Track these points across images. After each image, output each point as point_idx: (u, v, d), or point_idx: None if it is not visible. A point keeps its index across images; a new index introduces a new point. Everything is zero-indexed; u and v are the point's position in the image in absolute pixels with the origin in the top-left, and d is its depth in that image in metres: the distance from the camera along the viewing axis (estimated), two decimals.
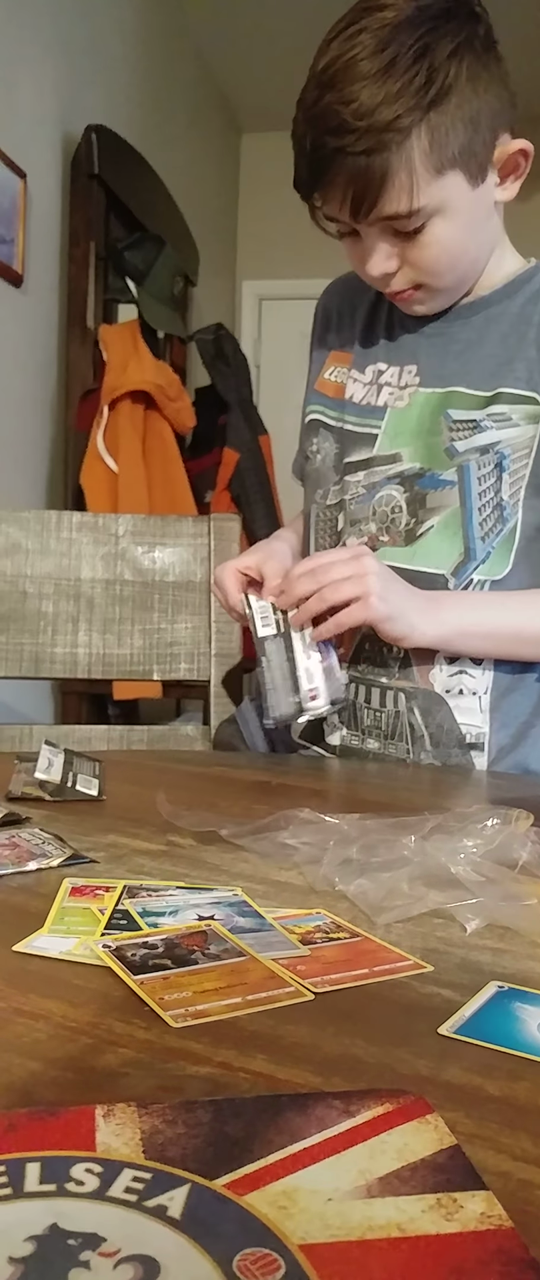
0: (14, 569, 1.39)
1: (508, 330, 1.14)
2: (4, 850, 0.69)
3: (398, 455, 1.15)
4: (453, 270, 1.10)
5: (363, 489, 1.17)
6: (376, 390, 1.19)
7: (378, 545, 1.14)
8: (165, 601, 1.42)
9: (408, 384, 1.17)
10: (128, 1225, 0.30)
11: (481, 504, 1.09)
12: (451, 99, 0.99)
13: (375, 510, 1.15)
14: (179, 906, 0.59)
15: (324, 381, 1.27)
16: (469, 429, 1.11)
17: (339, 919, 0.59)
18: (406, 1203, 0.32)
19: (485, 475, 1.09)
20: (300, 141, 1.04)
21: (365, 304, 1.26)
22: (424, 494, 1.12)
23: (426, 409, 1.15)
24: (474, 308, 1.16)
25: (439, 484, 1.11)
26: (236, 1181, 0.32)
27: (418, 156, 0.99)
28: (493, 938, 0.57)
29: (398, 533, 1.13)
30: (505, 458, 1.09)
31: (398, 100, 0.97)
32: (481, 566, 1.09)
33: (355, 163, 0.99)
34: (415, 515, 1.12)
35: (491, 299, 1.16)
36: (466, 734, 1.11)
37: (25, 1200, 0.31)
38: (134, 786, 0.99)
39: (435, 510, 1.11)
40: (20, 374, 2.98)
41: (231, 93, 5.06)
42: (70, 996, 0.47)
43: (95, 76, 3.43)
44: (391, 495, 1.14)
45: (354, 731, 1.15)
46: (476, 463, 1.10)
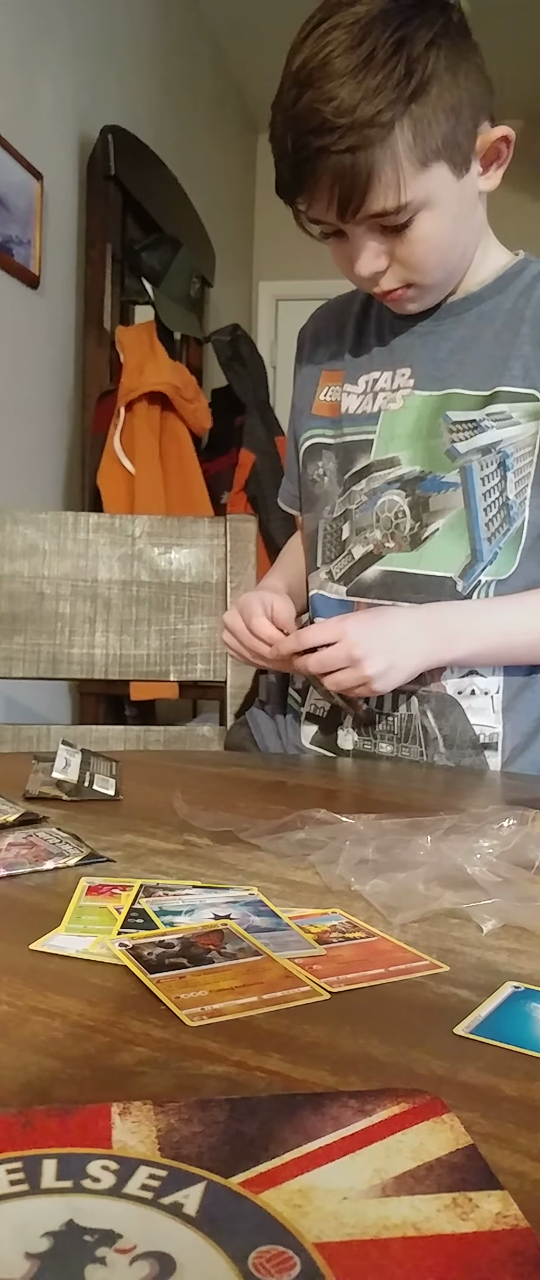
0: (31, 570, 1.40)
1: (501, 327, 1.13)
2: (21, 849, 0.69)
3: (396, 459, 1.15)
4: (442, 265, 1.10)
5: (365, 496, 1.16)
6: (372, 398, 1.19)
7: (384, 551, 1.14)
8: (182, 602, 1.42)
9: (401, 386, 1.17)
10: (144, 1222, 0.30)
11: (487, 504, 1.09)
12: (432, 89, 0.98)
13: (378, 517, 1.14)
14: (195, 906, 0.59)
15: (320, 404, 1.26)
16: (469, 429, 1.11)
17: (355, 919, 0.59)
18: (422, 1202, 0.32)
19: (489, 475, 1.09)
20: (281, 144, 1.03)
21: (352, 321, 1.26)
22: (427, 497, 1.11)
23: (424, 412, 1.14)
24: (465, 304, 1.16)
25: (442, 487, 1.11)
26: (252, 1180, 0.32)
27: (402, 150, 0.98)
28: (509, 938, 0.57)
29: (403, 537, 1.12)
30: (508, 457, 1.09)
31: (378, 95, 0.95)
32: (489, 568, 1.09)
33: (340, 161, 0.98)
34: (419, 519, 1.12)
35: (483, 294, 1.15)
36: (480, 734, 1.11)
37: (42, 1196, 0.31)
38: (150, 786, 0.99)
39: (439, 513, 1.11)
40: (37, 375, 2.99)
41: (248, 92, 5.06)
42: (87, 995, 0.47)
43: (111, 77, 3.44)
44: (394, 500, 1.13)
45: (367, 736, 1.15)
46: (479, 463, 1.09)
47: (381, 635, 1.04)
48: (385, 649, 1.03)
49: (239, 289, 5.24)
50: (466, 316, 1.15)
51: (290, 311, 5.44)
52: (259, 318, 5.55)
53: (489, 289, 1.15)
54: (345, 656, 1.01)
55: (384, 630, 1.05)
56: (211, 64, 4.62)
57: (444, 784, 1.07)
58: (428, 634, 1.07)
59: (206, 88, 4.60)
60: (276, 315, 5.56)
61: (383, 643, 1.03)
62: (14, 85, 2.80)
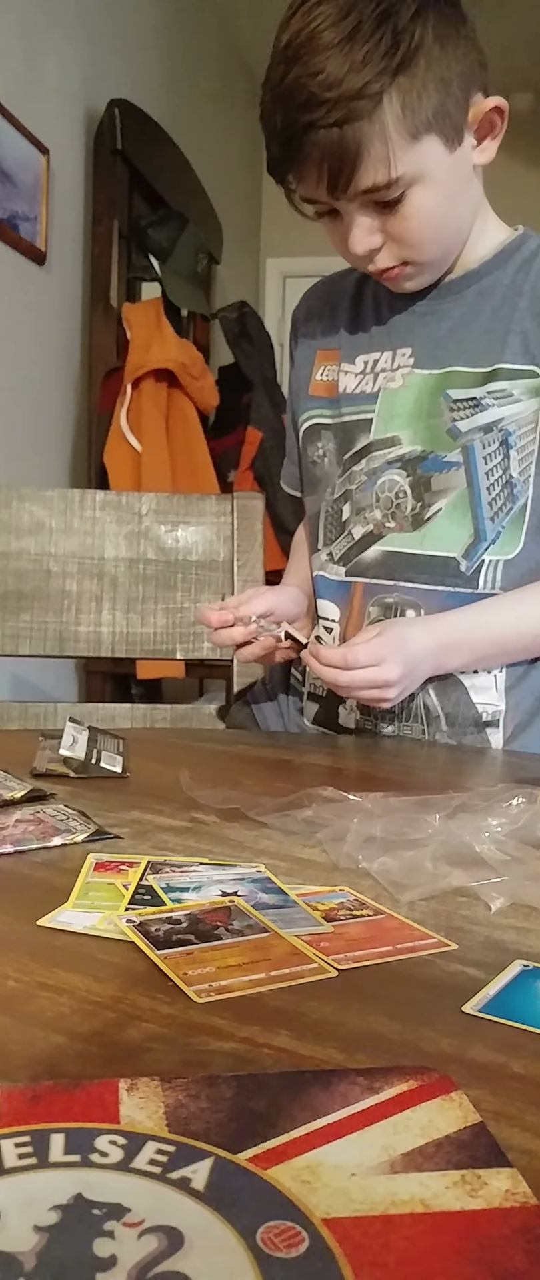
0: (38, 548, 1.40)
1: (500, 303, 1.12)
2: (29, 826, 0.69)
3: (396, 439, 1.14)
4: (438, 241, 1.08)
5: (364, 476, 1.15)
6: (372, 378, 1.18)
7: (384, 531, 1.13)
8: (188, 580, 1.42)
9: (401, 365, 1.16)
10: (152, 1196, 0.30)
11: (490, 483, 1.08)
12: (420, 61, 0.97)
13: (379, 496, 1.14)
14: (202, 882, 0.59)
15: (317, 384, 1.25)
16: (470, 408, 1.10)
17: (363, 896, 0.59)
18: (430, 1179, 0.32)
19: (491, 454, 1.08)
20: (270, 121, 1.02)
21: (347, 298, 1.25)
22: (428, 477, 1.11)
23: (424, 391, 1.13)
24: (465, 281, 1.14)
25: (444, 466, 1.10)
26: (260, 1156, 0.32)
27: (391, 123, 0.97)
28: (517, 917, 0.57)
29: (404, 518, 1.12)
30: (510, 434, 1.08)
31: (365, 67, 0.94)
32: (492, 546, 1.08)
33: (328, 136, 0.97)
34: (421, 499, 1.11)
35: (482, 271, 1.14)
36: (483, 713, 1.11)
37: (50, 1170, 0.31)
38: (157, 764, 0.99)
39: (442, 493, 1.10)
40: (43, 352, 2.99)
41: (255, 66, 5.02)
42: (94, 971, 0.47)
43: (118, 51, 3.42)
44: (394, 480, 1.13)
45: (367, 716, 1.15)
46: (481, 441, 1.09)
47: (410, 660, 1.03)
48: (410, 673, 1.03)
49: (246, 265, 5.22)
50: (466, 294, 1.14)
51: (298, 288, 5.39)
52: (266, 294, 5.53)
53: (488, 265, 1.14)
54: (381, 680, 1.01)
55: (412, 655, 1.04)
56: (218, 37, 4.59)
57: (450, 762, 1.06)
58: (433, 648, 1.07)
59: (213, 61, 4.57)
60: (284, 292, 5.54)
61: (410, 667, 1.03)
62: (20, 58, 2.78)
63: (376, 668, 1.00)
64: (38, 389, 2.96)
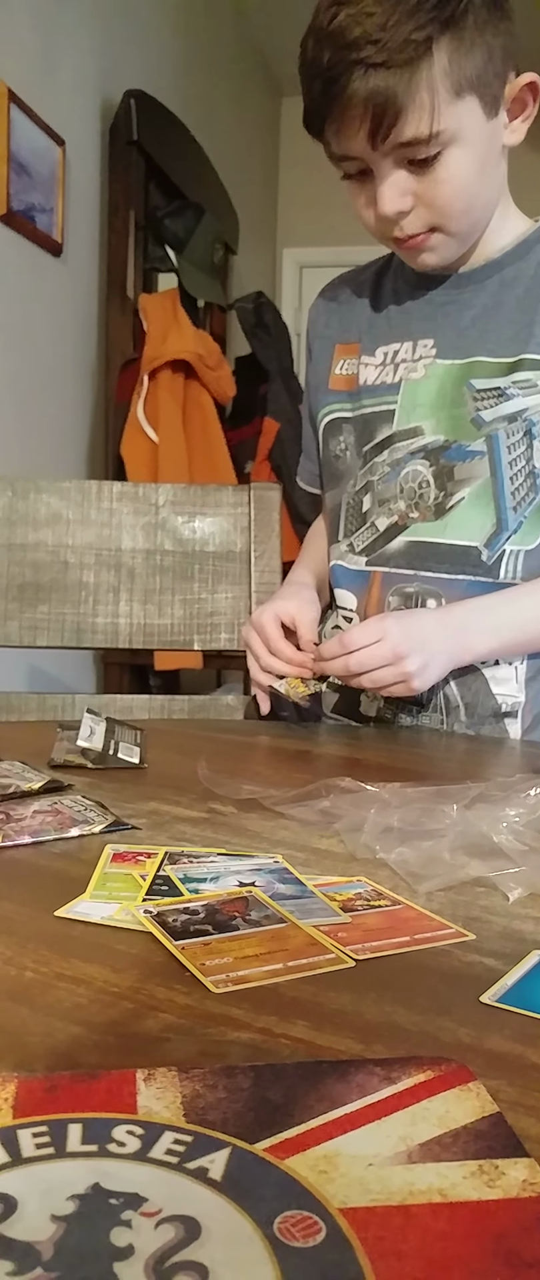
0: (55, 539, 1.40)
1: (523, 293, 1.11)
2: (47, 817, 0.69)
3: (419, 429, 1.13)
4: (467, 212, 1.07)
5: (388, 467, 1.15)
6: (393, 369, 1.18)
7: (408, 522, 1.13)
8: (206, 571, 1.42)
9: (422, 356, 1.16)
10: (169, 1186, 0.30)
11: (513, 473, 1.08)
12: (468, 19, 0.97)
13: (402, 487, 1.13)
14: (220, 873, 0.59)
15: (336, 378, 1.25)
16: (494, 397, 1.09)
17: (380, 886, 0.59)
18: (448, 1169, 0.31)
19: (515, 444, 1.08)
20: (313, 65, 1.01)
21: (365, 293, 1.25)
22: (451, 466, 1.10)
23: (447, 380, 1.13)
24: (486, 271, 1.14)
25: (467, 455, 1.10)
26: (277, 1146, 0.32)
27: (438, 74, 0.97)
28: (535, 907, 0.57)
29: (427, 507, 1.11)
30: (535, 425, 1.08)
31: (416, 14, 0.95)
32: (514, 536, 1.08)
33: (375, 79, 0.96)
34: (444, 489, 1.11)
35: (503, 261, 1.13)
36: (502, 704, 1.11)
37: (68, 1160, 0.31)
38: (175, 755, 0.99)
39: (465, 482, 1.09)
40: (60, 344, 2.99)
41: (272, 55, 5.01)
42: (112, 961, 0.48)
43: (133, 41, 3.41)
44: (417, 470, 1.12)
45: (388, 705, 1.15)
46: (505, 431, 1.08)
47: (418, 634, 1.03)
48: (421, 646, 1.02)
49: (263, 256, 5.21)
50: (488, 284, 1.14)
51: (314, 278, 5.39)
52: (283, 285, 5.52)
53: (510, 255, 1.13)
54: (389, 653, 1.00)
55: (419, 630, 1.03)
56: (234, 27, 4.58)
57: (468, 753, 1.06)
58: (448, 633, 1.06)
59: (229, 51, 4.55)
60: (300, 282, 5.53)
61: (419, 640, 1.02)
62: (35, 50, 2.78)
63: (381, 643, 1.00)
64: (54, 380, 2.97)
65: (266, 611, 1.12)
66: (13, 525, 1.40)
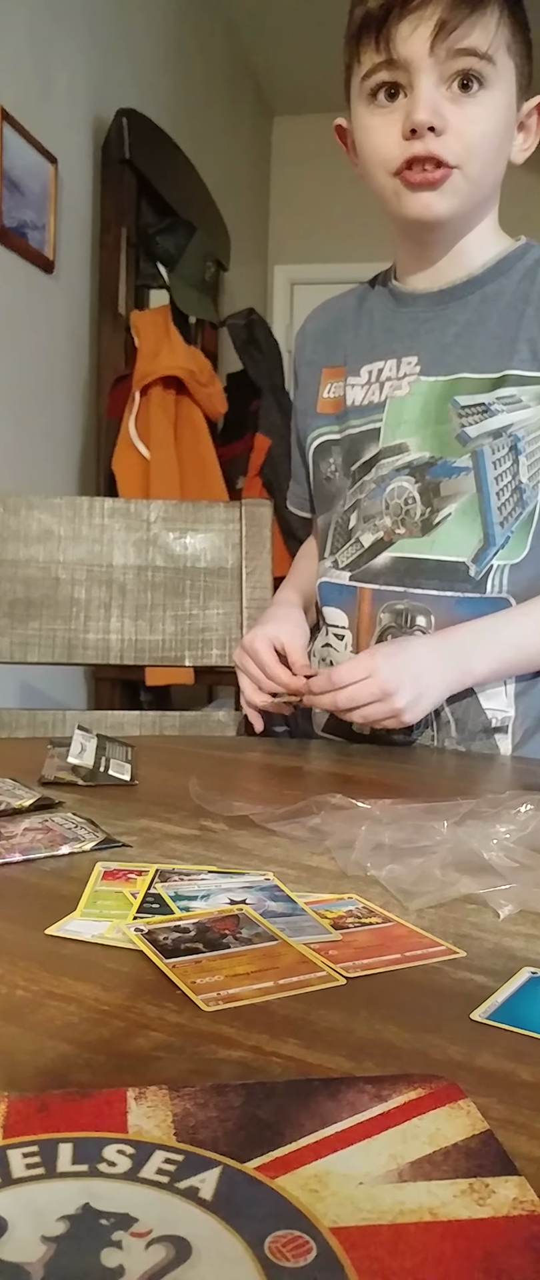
0: (46, 555, 1.40)
1: (506, 309, 1.13)
2: (37, 834, 0.69)
3: (404, 445, 1.14)
4: (482, 174, 1.08)
5: (373, 484, 1.16)
6: (379, 388, 1.18)
7: (394, 538, 1.13)
8: (197, 587, 1.42)
9: (407, 373, 1.16)
10: (159, 1206, 0.30)
11: (499, 488, 1.09)
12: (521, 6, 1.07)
13: (388, 504, 1.14)
14: (211, 891, 0.59)
15: (324, 401, 1.26)
16: (479, 413, 1.10)
17: (371, 904, 0.59)
18: (438, 1187, 0.32)
19: (501, 459, 1.09)
20: None
21: (349, 316, 1.26)
22: (437, 483, 1.11)
23: (431, 397, 1.13)
24: (468, 286, 1.15)
25: (453, 471, 1.10)
26: (268, 1164, 0.32)
27: (501, 17, 1.04)
28: (526, 924, 0.57)
29: (414, 524, 1.12)
30: (520, 440, 1.08)
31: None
32: (501, 551, 1.08)
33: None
34: (430, 505, 1.11)
35: (484, 277, 1.15)
36: (492, 719, 1.11)
37: (58, 1180, 0.31)
38: (166, 771, 0.99)
39: (451, 498, 1.10)
40: (52, 360, 2.99)
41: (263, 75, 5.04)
42: (102, 980, 0.48)
43: (126, 60, 3.43)
44: (403, 487, 1.13)
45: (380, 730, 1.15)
46: (490, 447, 1.09)
47: (409, 667, 1.03)
48: (413, 680, 1.02)
49: (254, 273, 5.22)
50: (470, 299, 1.15)
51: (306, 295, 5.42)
52: (274, 301, 5.53)
53: (491, 272, 1.15)
54: (377, 690, 1.00)
55: (411, 662, 1.03)
56: (227, 46, 4.60)
57: (459, 769, 1.06)
58: (447, 661, 1.06)
59: (222, 70, 4.58)
60: (292, 299, 5.55)
61: (410, 674, 1.02)
62: (28, 68, 2.79)
63: (369, 680, 1.00)
64: (46, 397, 2.97)
65: (259, 637, 1.12)
66: (4, 541, 1.40)
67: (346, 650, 1.17)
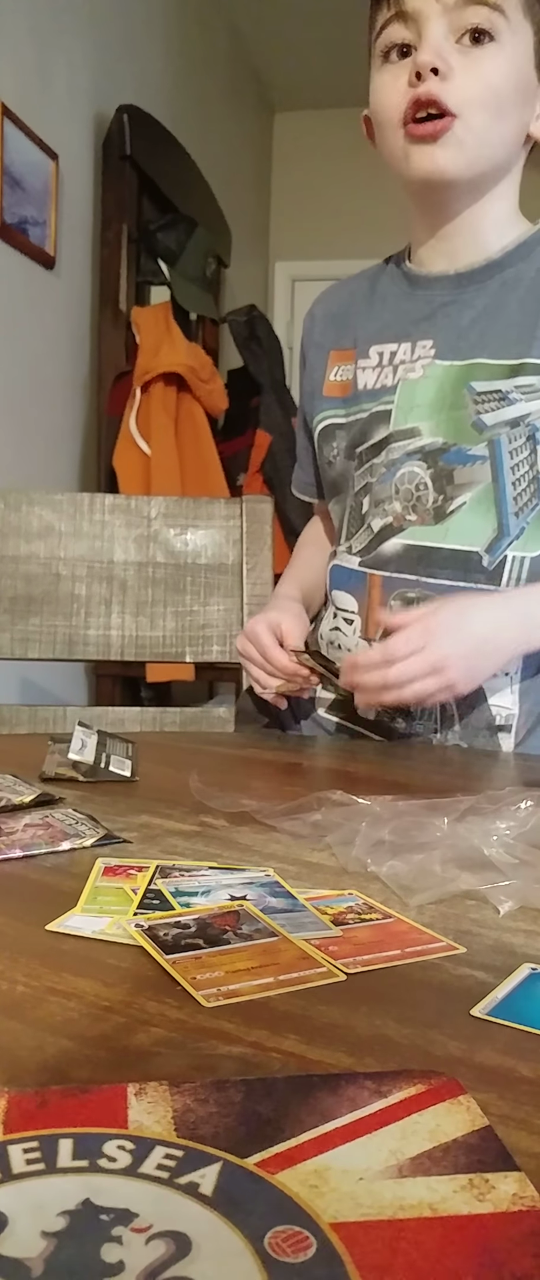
0: (47, 551, 1.40)
1: (525, 294, 1.11)
2: (38, 830, 0.69)
3: (416, 430, 1.12)
4: (488, 125, 1.06)
5: (384, 468, 1.14)
6: (392, 371, 1.17)
7: (405, 524, 1.12)
8: (198, 584, 1.42)
9: (421, 356, 1.15)
10: (160, 1202, 0.30)
11: (516, 478, 1.07)
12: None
13: (398, 488, 1.12)
14: (211, 886, 0.59)
15: (331, 384, 1.25)
16: (496, 400, 1.08)
17: (371, 900, 0.59)
18: (438, 1183, 0.32)
19: (518, 449, 1.07)
20: None
21: (360, 299, 1.25)
22: (451, 470, 1.09)
23: (446, 382, 1.12)
24: (487, 271, 1.14)
25: (468, 459, 1.09)
26: (268, 1160, 0.32)
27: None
28: (526, 920, 0.57)
29: (426, 510, 1.10)
30: (538, 429, 1.07)
31: None
32: (516, 542, 1.07)
33: None
34: (443, 492, 1.10)
35: (504, 261, 1.13)
36: (497, 715, 1.10)
37: (58, 1176, 0.31)
38: (167, 768, 0.99)
39: (466, 486, 1.09)
40: (53, 357, 2.99)
41: (264, 71, 5.03)
42: (103, 975, 0.48)
43: (127, 56, 3.43)
44: (415, 472, 1.11)
45: (383, 710, 1.14)
46: (508, 436, 1.07)
47: (467, 637, 0.99)
48: (469, 652, 0.99)
49: (255, 269, 5.22)
50: (489, 284, 1.14)
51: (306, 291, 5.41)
52: (275, 298, 5.53)
53: (510, 256, 1.14)
54: (431, 665, 0.96)
55: (468, 632, 1.00)
56: (228, 42, 4.60)
57: (459, 765, 1.06)
58: (509, 630, 1.03)
59: (223, 66, 4.57)
60: (293, 295, 5.54)
61: (469, 645, 0.99)
62: (29, 64, 2.79)
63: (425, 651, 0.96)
64: (47, 393, 2.97)
65: (260, 621, 1.13)
66: (5, 537, 1.40)
67: (355, 635, 1.16)
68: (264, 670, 1.11)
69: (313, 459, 1.30)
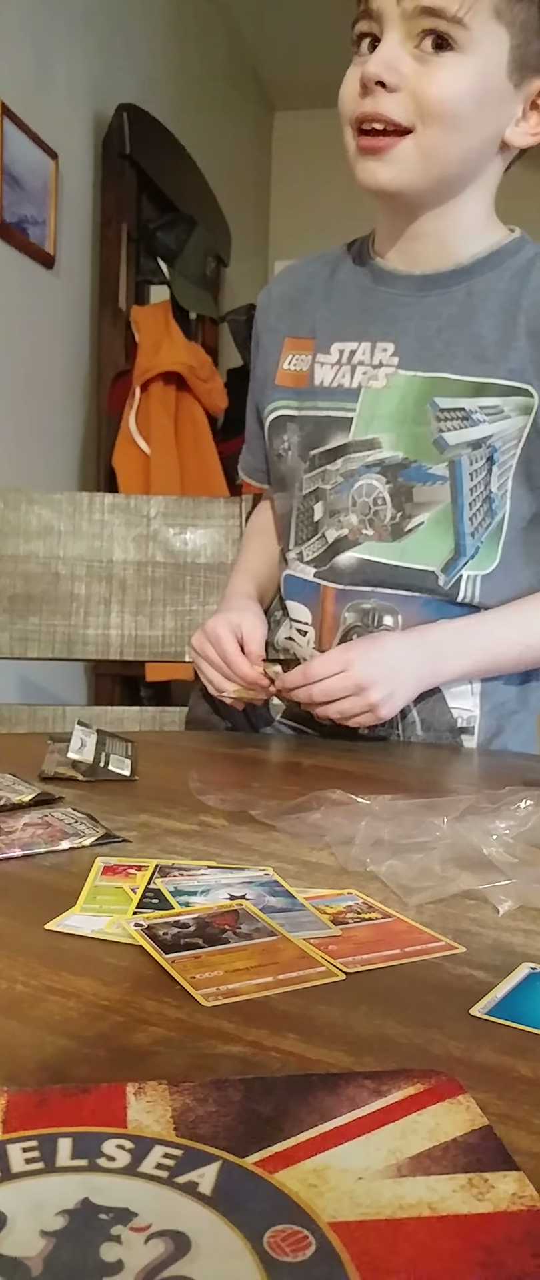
0: (46, 551, 1.40)
1: (496, 309, 1.07)
2: (37, 829, 0.69)
3: (376, 441, 1.09)
4: (446, 140, 1.01)
5: (340, 477, 1.11)
6: (350, 371, 1.12)
7: (361, 538, 1.10)
8: (197, 583, 1.42)
9: (383, 363, 1.10)
10: (159, 1201, 0.30)
11: (472, 498, 1.06)
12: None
13: (355, 500, 1.10)
14: (210, 886, 0.59)
15: (284, 373, 1.20)
16: (459, 419, 1.06)
17: (370, 899, 0.59)
18: (437, 1182, 0.32)
19: (477, 470, 1.06)
20: None
21: (320, 285, 1.20)
22: (410, 486, 1.07)
23: (409, 394, 1.08)
24: (454, 277, 1.10)
25: (428, 478, 1.06)
26: (267, 1159, 0.32)
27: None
28: (525, 919, 0.57)
29: (383, 526, 1.08)
30: (496, 450, 1.05)
31: None
32: (471, 561, 1.07)
33: None
34: (401, 509, 1.08)
35: (473, 270, 1.09)
36: (458, 718, 1.10)
37: (57, 1175, 0.31)
38: (166, 767, 0.99)
39: (425, 506, 1.07)
40: (52, 356, 2.99)
41: (264, 70, 5.03)
42: (102, 975, 0.48)
43: (127, 55, 3.42)
44: (373, 485, 1.09)
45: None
46: (469, 458, 1.05)
47: (384, 663, 1.03)
48: (387, 676, 1.02)
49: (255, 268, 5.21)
50: (455, 291, 1.09)
51: None
52: None
53: (480, 264, 1.09)
54: (352, 685, 1.00)
55: (385, 658, 1.03)
56: (227, 41, 4.59)
57: (458, 765, 1.06)
58: (420, 658, 1.06)
59: (223, 65, 4.57)
60: None
61: (385, 670, 1.02)
62: (28, 63, 2.79)
63: (344, 674, 1.00)
64: (47, 392, 2.97)
65: (221, 624, 1.10)
66: (4, 536, 1.40)
67: (309, 646, 1.15)
68: (221, 674, 1.09)
69: (262, 444, 1.26)
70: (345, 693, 1.01)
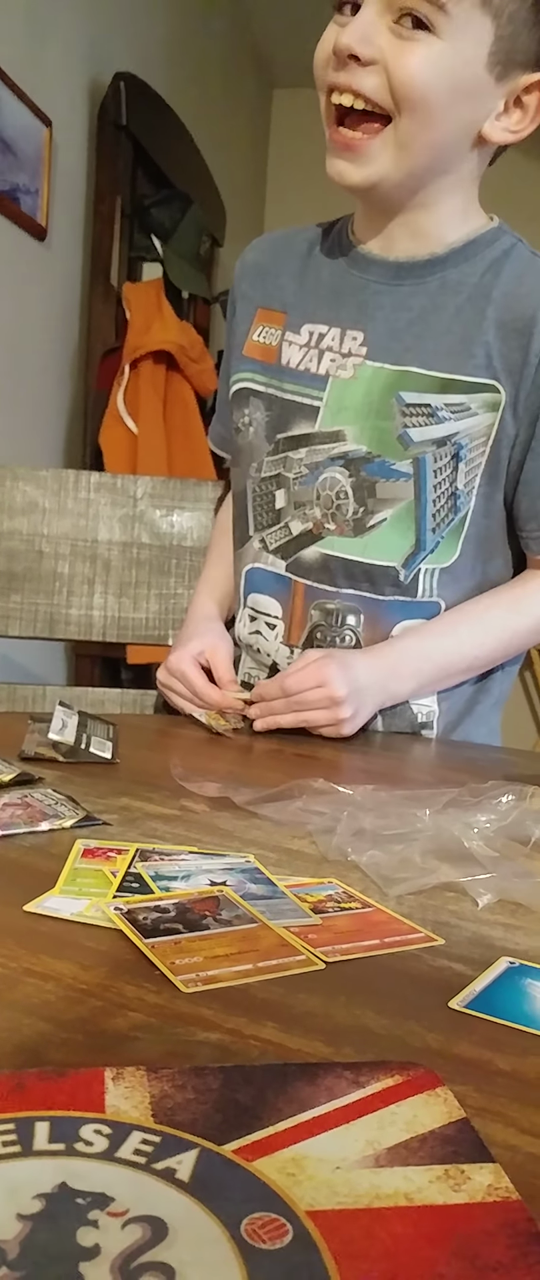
0: (30, 528, 1.39)
1: (465, 303, 1.06)
2: (16, 810, 0.69)
3: (341, 434, 1.08)
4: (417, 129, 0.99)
5: (305, 468, 1.11)
6: (317, 356, 1.11)
7: (323, 532, 1.10)
8: (182, 566, 1.42)
9: (352, 352, 1.09)
10: (136, 1186, 0.30)
11: (436, 496, 1.06)
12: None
13: (319, 494, 1.09)
14: (191, 871, 0.59)
15: (252, 344, 1.18)
16: (424, 415, 1.05)
17: (351, 889, 0.59)
18: (414, 1173, 0.32)
19: (442, 468, 1.05)
20: None
21: (295, 259, 1.18)
22: (373, 482, 1.07)
23: (374, 386, 1.07)
24: (428, 266, 1.08)
25: (391, 474, 1.06)
26: (245, 1148, 0.32)
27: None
28: (505, 913, 0.57)
29: (345, 521, 1.08)
30: (462, 448, 1.05)
31: None
32: (430, 556, 1.07)
33: None
34: (364, 504, 1.07)
35: (448, 260, 1.08)
36: (418, 714, 1.12)
37: (34, 1159, 0.31)
38: (148, 750, 0.99)
39: (388, 503, 1.06)
40: (42, 329, 2.97)
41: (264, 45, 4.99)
42: (81, 958, 0.47)
43: (125, 21, 3.37)
44: (336, 478, 1.08)
45: None
46: (433, 455, 1.05)
47: (355, 682, 1.04)
48: (356, 695, 1.04)
49: None
50: (429, 282, 1.08)
51: None
52: None
53: (455, 255, 1.08)
54: (326, 699, 1.02)
55: (356, 677, 1.04)
56: (228, 14, 4.55)
57: (441, 758, 1.07)
58: (379, 683, 1.07)
59: (222, 38, 4.53)
60: None
61: (355, 689, 1.03)
62: (23, 25, 2.75)
63: (321, 688, 1.02)
64: (35, 367, 2.95)
65: (184, 658, 1.10)
66: None
67: (277, 640, 1.15)
68: (192, 702, 1.09)
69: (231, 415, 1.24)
70: (319, 705, 1.03)
